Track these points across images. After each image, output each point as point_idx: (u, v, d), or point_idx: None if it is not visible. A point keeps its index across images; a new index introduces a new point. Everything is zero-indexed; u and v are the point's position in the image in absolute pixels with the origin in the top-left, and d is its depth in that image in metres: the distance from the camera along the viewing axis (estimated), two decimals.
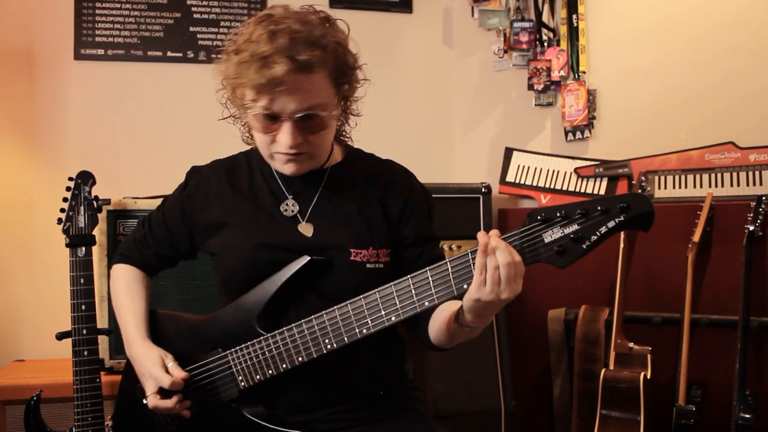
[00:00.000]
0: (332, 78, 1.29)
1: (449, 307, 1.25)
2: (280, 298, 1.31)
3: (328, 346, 1.25)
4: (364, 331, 1.22)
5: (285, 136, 1.26)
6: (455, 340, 1.28)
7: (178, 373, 1.35)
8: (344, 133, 1.47)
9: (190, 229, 1.47)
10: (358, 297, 1.22)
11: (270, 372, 1.30)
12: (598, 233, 1.07)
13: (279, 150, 1.30)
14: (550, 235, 1.10)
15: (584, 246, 1.08)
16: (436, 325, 1.29)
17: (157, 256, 1.53)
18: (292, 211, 1.38)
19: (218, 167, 1.48)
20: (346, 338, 1.23)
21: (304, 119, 1.26)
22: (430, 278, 1.17)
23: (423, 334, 1.34)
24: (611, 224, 1.06)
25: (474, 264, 1.12)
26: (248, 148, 1.49)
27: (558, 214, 1.09)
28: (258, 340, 1.31)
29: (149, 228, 1.53)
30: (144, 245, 1.53)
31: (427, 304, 1.18)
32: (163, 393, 1.35)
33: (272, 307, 1.31)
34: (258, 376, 1.31)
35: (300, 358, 1.27)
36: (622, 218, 1.06)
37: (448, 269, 1.16)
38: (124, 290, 1.51)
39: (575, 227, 1.08)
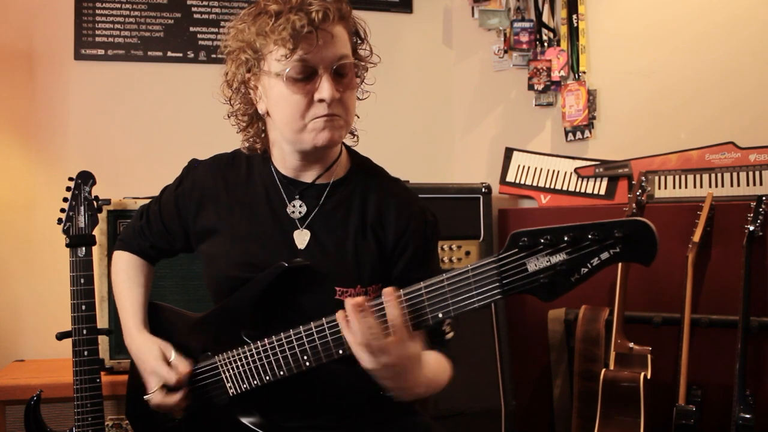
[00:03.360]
0: (350, 39, 1.28)
1: None
2: (267, 308, 1.28)
3: (307, 364, 1.20)
4: (340, 351, 1.17)
5: (326, 88, 1.20)
6: (401, 396, 1.19)
7: (183, 366, 1.33)
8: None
9: (185, 227, 1.44)
10: (333, 316, 1.16)
11: (255, 382, 1.27)
12: (588, 266, 0.93)
13: (318, 113, 1.23)
14: (535, 264, 0.96)
15: (572, 279, 0.94)
16: None
17: (154, 248, 1.51)
18: (300, 212, 1.33)
19: (216, 165, 1.43)
20: (323, 357, 1.19)
21: (339, 72, 1.23)
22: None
23: None
24: (605, 256, 0.93)
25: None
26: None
27: (542, 240, 0.95)
28: (243, 349, 1.28)
29: (147, 220, 1.50)
30: (141, 236, 1.51)
31: None
32: (168, 388, 1.34)
33: (258, 315, 1.29)
34: (245, 385, 1.29)
35: (281, 372, 1.23)
36: (618, 249, 0.92)
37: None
38: (122, 278, 1.50)
39: (563, 257, 0.94)
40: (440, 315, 1.06)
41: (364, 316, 1.06)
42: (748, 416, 2.00)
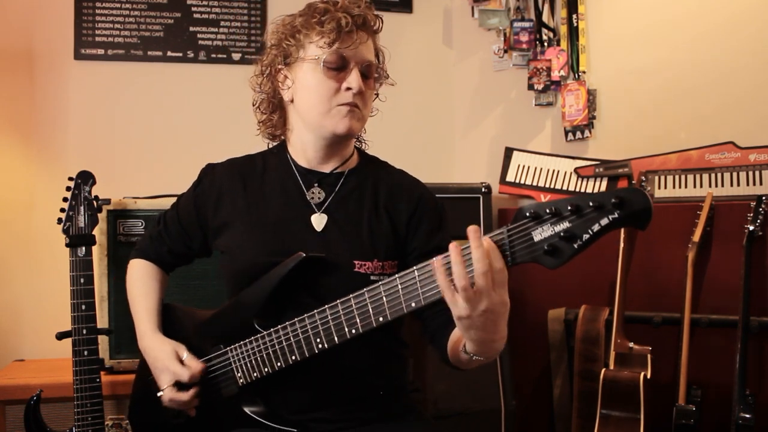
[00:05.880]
0: (373, 49, 1.42)
1: (458, 334, 1.20)
2: (281, 297, 1.31)
3: (320, 346, 1.24)
4: (353, 331, 1.20)
5: (355, 78, 1.34)
6: (470, 365, 1.23)
7: (196, 365, 1.36)
8: (359, 136, 1.52)
9: (203, 227, 1.48)
10: (347, 297, 1.20)
11: (266, 370, 1.31)
12: (590, 231, 0.98)
13: (343, 100, 1.35)
14: (540, 233, 1.02)
15: (575, 245, 0.99)
16: (452, 349, 1.27)
17: (171, 253, 1.54)
18: (319, 197, 1.40)
19: (232, 166, 1.49)
20: (336, 338, 1.22)
21: (364, 74, 1.37)
22: (417, 278, 1.13)
23: (443, 352, 1.31)
24: (604, 221, 0.98)
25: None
26: (258, 150, 1.51)
27: (547, 211, 1.01)
28: (255, 337, 1.31)
29: (164, 225, 1.54)
30: (159, 242, 1.54)
31: (413, 305, 1.14)
32: (180, 386, 1.36)
33: (272, 305, 1.32)
34: (255, 374, 1.32)
35: (293, 357, 1.27)
36: (616, 215, 0.97)
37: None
38: (138, 284, 1.53)
39: (566, 225, 1.00)
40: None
41: (465, 254, 1.05)
42: (748, 416, 2.00)
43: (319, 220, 1.38)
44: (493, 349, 1.16)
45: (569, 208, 0.99)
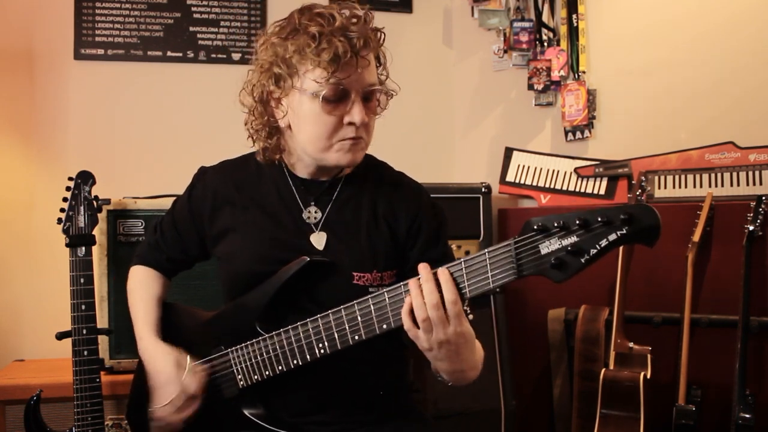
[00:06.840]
0: (375, 64, 1.32)
1: None
2: (283, 301, 1.31)
3: (322, 351, 1.24)
4: (356, 337, 1.20)
5: (357, 112, 1.25)
6: (455, 381, 1.25)
7: (197, 389, 1.34)
8: None
9: (200, 232, 1.46)
10: (351, 303, 1.20)
11: (267, 373, 1.30)
12: (597, 246, 1.00)
13: (346, 135, 1.27)
14: (547, 247, 1.03)
15: (582, 260, 1.01)
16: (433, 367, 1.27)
17: (170, 260, 1.53)
18: (315, 218, 1.36)
19: (226, 169, 1.46)
20: (338, 344, 1.22)
21: (367, 97, 1.28)
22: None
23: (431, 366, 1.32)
24: (612, 237, 0.99)
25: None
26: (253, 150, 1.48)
27: (555, 224, 1.02)
28: (257, 340, 1.31)
29: (161, 232, 1.52)
30: (157, 250, 1.53)
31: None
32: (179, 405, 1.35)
33: (274, 308, 1.31)
34: (256, 376, 1.32)
35: (295, 361, 1.27)
36: (624, 231, 0.98)
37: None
38: (137, 288, 1.52)
39: (573, 239, 1.01)
40: None
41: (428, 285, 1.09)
42: (748, 416, 2.00)
43: (318, 239, 1.35)
44: (466, 378, 1.21)
45: (577, 222, 1.00)
